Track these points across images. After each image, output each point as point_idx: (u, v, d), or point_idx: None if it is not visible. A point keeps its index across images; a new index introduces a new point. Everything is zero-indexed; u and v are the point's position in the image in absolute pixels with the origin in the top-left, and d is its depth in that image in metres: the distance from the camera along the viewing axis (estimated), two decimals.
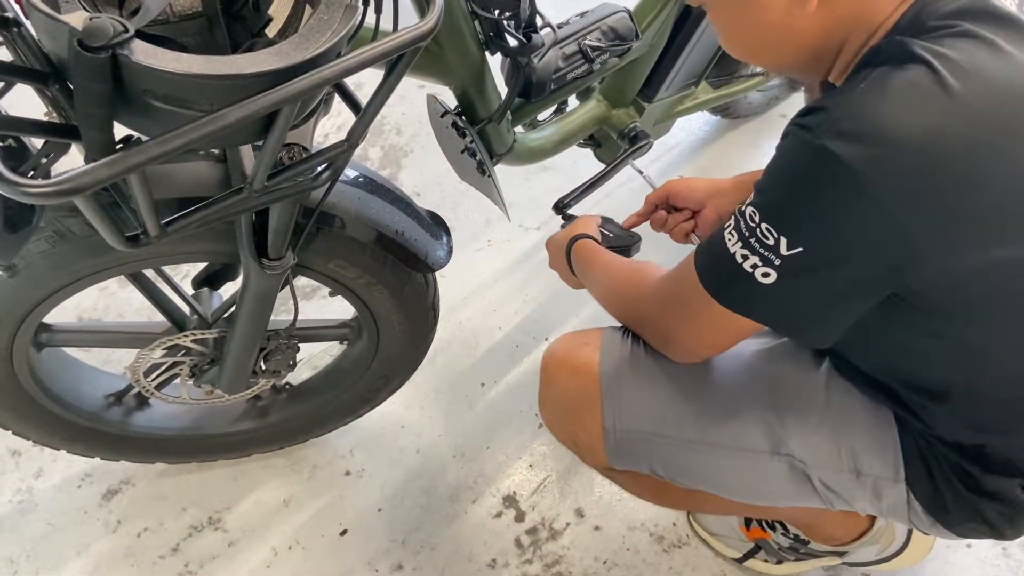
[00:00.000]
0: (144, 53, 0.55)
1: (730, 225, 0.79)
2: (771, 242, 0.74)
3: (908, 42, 0.71)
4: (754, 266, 0.76)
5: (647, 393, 0.96)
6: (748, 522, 1.32)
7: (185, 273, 1.65)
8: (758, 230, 0.75)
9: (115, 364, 1.53)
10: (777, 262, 0.74)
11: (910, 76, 0.69)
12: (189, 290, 1.18)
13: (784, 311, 0.79)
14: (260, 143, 0.67)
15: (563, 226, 1.31)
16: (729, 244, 0.78)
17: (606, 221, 1.29)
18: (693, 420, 0.95)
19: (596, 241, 1.17)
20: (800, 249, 0.72)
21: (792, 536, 1.27)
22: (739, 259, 0.77)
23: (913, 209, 0.68)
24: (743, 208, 0.77)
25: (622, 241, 1.24)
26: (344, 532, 1.39)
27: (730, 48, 0.86)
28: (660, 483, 1.01)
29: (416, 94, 2.04)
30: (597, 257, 1.12)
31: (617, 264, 1.07)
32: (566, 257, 1.18)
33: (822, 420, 0.93)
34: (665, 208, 1.25)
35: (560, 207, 1.44)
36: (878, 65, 0.72)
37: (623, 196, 1.91)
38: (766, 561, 1.32)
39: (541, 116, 1.47)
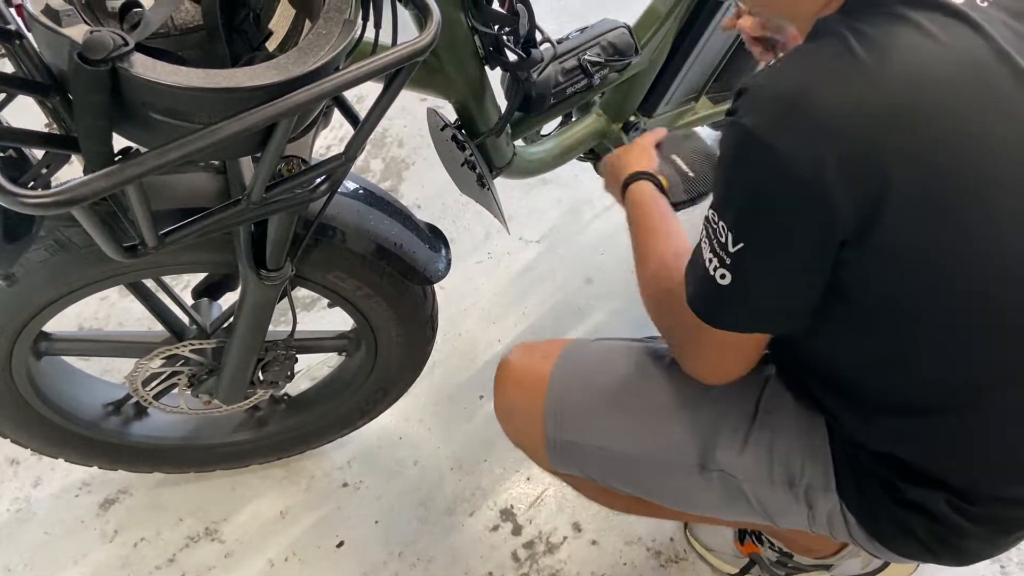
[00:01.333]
0: (143, 66, 0.56)
1: (703, 232, 0.80)
2: (723, 239, 0.75)
3: (834, 20, 0.72)
4: (715, 268, 0.76)
5: (586, 408, 0.99)
6: (743, 537, 1.32)
7: (185, 284, 1.66)
8: (718, 229, 0.76)
9: (114, 373, 1.54)
10: (728, 261, 0.75)
11: (824, 49, 0.70)
12: (189, 300, 1.18)
13: (744, 311, 0.79)
14: (259, 155, 0.67)
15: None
16: (705, 251, 0.79)
17: (679, 143, 1.19)
18: (630, 433, 0.97)
19: (657, 184, 1.13)
20: (742, 244, 0.73)
21: (777, 550, 1.27)
22: (707, 263, 0.78)
23: (824, 178, 0.67)
24: (708, 211, 0.78)
25: (693, 191, 1.14)
26: (341, 544, 1.39)
27: None
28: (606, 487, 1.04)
29: (418, 107, 2.06)
30: (646, 221, 1.07)
31: (660, 250, 1.01)
32: (621, 195, 1.16)
33: (756, 431, 0.93)
34: None
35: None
36: (815, 39, 0.73)
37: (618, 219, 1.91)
38: None
39: (544, 130, 1.48)
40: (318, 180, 0.79)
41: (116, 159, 0.59)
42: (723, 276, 0.76)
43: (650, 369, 0.99)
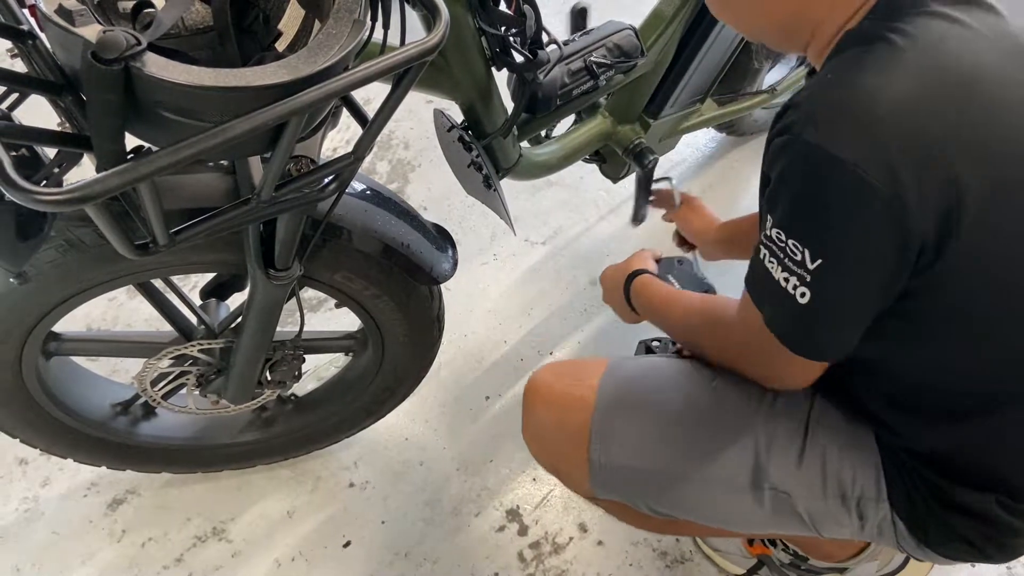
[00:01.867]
0: (156, 65, 0.56)
1: (765, 252, 0.78)
2: (799, 257, 0.73)
3: (875, 25, 0.72)
4: (795, 287, 0.75)
5: (637, 430, 0.96)
6: (751, 539, 1.32)
7: (193, 284, 1.66)
8: (788, 247, 0.74)
9: (122, 374, 1.55)
10: (808, 278, 0.73)
11: (873, 55, 0.70)
12: (197, 301, 1.19)
13: (826, 333, 0.78)
14: (268, 155, 0.68)
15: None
16: (775, 271, 0.77)
17: (673, 265, 1.25)
18: (680, 455, 0.95)
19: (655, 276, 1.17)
20: (821, 261, 0.72)
21: (792, 552, 1.27)
22: (783, 283, 0.76)
23: (898, 182, 0.67)
24: (769, 231, 0.77)
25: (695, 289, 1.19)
26: (347, 544, 1.39)
27: (712, 5, 0.87)
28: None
29: (424, 109, 2.07)
30: (660, 295, 1.09)
31: (686, 305, 1.03)
32: (624, 294, 1.16)
33: (809, 448, 0.92)
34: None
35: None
36: (848, 50, 0.73)
37: (623, 221, 1.91)
38: None
39: (555, 132, 1.48)
40: (327, 180, 0.79)
41: (128, 157, 0.59)
42: (803, 295, 0.74)
43: (696, 388, 0.98)
